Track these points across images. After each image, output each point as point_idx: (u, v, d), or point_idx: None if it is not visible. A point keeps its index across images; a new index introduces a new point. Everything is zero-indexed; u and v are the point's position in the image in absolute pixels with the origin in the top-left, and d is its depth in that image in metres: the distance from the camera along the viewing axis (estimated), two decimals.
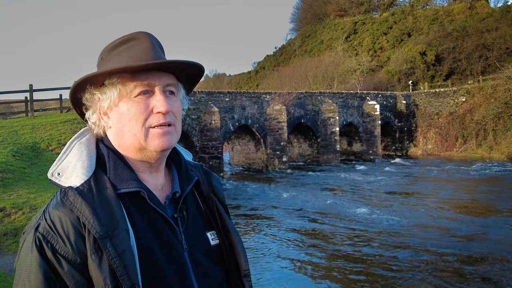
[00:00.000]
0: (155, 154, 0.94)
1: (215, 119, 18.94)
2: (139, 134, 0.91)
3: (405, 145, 27.68)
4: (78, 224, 0.83)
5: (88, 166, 0.91)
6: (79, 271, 0.81)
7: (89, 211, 0.83)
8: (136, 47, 0.93)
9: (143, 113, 0.91)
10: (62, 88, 17.13)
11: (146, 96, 0.92)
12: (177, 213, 0.97)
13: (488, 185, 14.41)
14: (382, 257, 7.33)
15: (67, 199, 0.85)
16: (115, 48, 0.95)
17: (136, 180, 0.92)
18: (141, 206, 0.92)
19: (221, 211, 1.07)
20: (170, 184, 1.03)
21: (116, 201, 0.87)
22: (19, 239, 5.73)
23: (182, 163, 1.07)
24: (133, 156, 0.95)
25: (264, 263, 7.14)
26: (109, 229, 0.82)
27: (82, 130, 0.99)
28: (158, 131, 0.92)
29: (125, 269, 0.81)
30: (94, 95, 0.95)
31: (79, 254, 0.82)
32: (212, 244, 1.01)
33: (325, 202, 12.29)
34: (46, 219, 0.84)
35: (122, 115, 0.92)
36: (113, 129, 0.95)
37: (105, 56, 0.96)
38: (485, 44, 32.67)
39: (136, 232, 0.87)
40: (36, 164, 9.72)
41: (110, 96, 0.93)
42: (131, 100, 0.92)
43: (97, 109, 0.96)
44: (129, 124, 0.92)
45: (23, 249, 0.85)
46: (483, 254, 7.26)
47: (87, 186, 0.87)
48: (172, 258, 0.91)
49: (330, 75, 38.25)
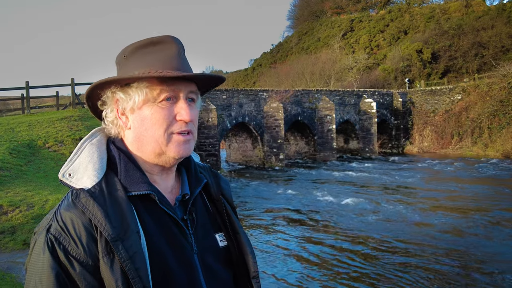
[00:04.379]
0: (173, 160, 0.95)
1: (212, 116, 18.92)
2: (161, 139, 0.92)
3: (401, 143, 27.79)
4: (90, 226, 0.83)
5: (100, 168, 0.90)
6: (91, 273, 0.81)
7: (101, 213, 0.83)
8: (163, 52, 0.93)
9: (166, 119, 0.91)
10: (58, 85, 17.06)
11: (170, 103, 0.93)
12: (187, 215, 0.98)
13: (487, 183, 14.52)
14: (379, 253, 7.38)
15: (79, 201, 0.85)
16: (141, 49, 0.93)
17: (146, 183, 0.92)
18: (151, 208, 0.92)
19: (230, 213, 1.07)
20: (179, 186, 1.03)
21: (127, 203, 0.87)
22: (17, 237, 5.72)
23: (192, 165, 1.07)
24: (149, 159, 0.95)
25: (262, 259, 7.19)
26: (121, 232, 0.83)
27: (93, 131, 0.98)
28: (180, 138, 0.93)
29: (137, 271, 0.81)
30: (116, 94, 0.94)
31: (91, 256, 0.82)
32: (220, 246, 1.02)
33: (321, 199, 12.34)
34: (58, 220, 0.84)
35: (144, 119, 0.92)
36: (133, 132, 0.95)
37: (129, 55, 0.94)
38: (481, 42, 32.81)
39: (147, 235, 0.87)
40: (33, 162, 9.68)
41: (134, 98, 0.92)
42: (155, 105, 0.92)
43: (115, 108, 0.95)
44: (152, 129, 0.92)
45: (34, 250, 0.85)
46: (480, 252, 7.34)
47: (99, 188, 0.87)
48: (182, 260, 0.91)
49: (327, 72, 38.29)
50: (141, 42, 0.94)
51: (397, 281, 6.17)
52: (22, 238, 5.78)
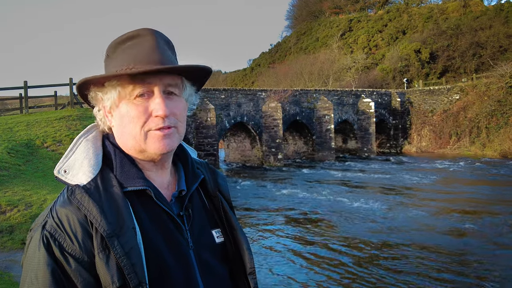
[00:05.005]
0: (156, 156, 0.93)
1: (211, 116, 18.92)
2: (138, 137, 0.90)
3: (400, 143, 27.85)
4: (85, 222, 0.83)
5: (95, 164, 0.90)
6: (86, 269, 0.81)
7: (97, 209, 0.82)
8: (140, 45, 0.90)
9: (141, 117, 0.90)
10: (57, 85, 17.03)
11: (145, 98, 0.90)
12: (183, 211, 0.97)
13: (486, 183, 14.57)
14: (378, 252, 7.41)
15: (74, 197, 0.84)
16: (120, 45, 0.92)
17: (142, 179, 0.91)
18: (147, 204, 0.91)
19: (227, 209, 1.07)
20: (176, 182, 1.02)
21: (122, 199, 0.86)
22: (15, 236, 5.71)
23: (189, 161, 1.06)
24: (136, 156, 0.95)
25: (261, 258, 7.20)
26: (116, 228, 0.82)
27: (89, 127, 0.98)
28: (158, 134, 0.90)
29: (133, 267, 0.80)
30: (97, 94, 0.94)
31: (87, 252, 0.81)
32: (217, 242, 1.01)
33: (320, 198, 12.36)
34: (53, 217, 0.84)
35: (123, 117, 0.91)
36: (116, 129, 0.95)
37: (111, 53, 0.93)
38: (479, 42, 32.90)
39: (143, 230, 0.86)
40: (31, 161, 9.68)
41: (111, 97, 0.92)
42: (130, 102, 0.90)
43: (102, 108, 0.96)
44: (129, 126, 0.91)
45: (30, 246, 0.84)
46: (479, 253, 7.36)
47: (94, 184, 0.86)
48: (178, 255, 0.91)
49: (325, 72, 38.31)
50: (120, 38, 0.92)
51: (395, 281, 6.19)
52: (20, 237, 5.78)
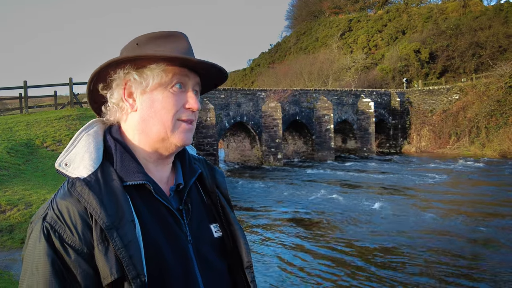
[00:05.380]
0: (174, 147, 0.97)
1: (210, 116, 18.94)
2: (168, 123, 0.94)
3: (399, 142, 27.87)
4: (85, 214, 0.84)
5: (96, 158, 0.91)
6: (86, 261, 0.82)
7: (96, 202, 0.84)
8: (176, 43, 0.95)
9: (176, 105, 0.95)
10: (56, 85, 17.03)
11: (181, 90, 0.96)
12: (182, 205, 0.99)
13: (487, 183, 14.59)
14: (378, 253, 7.43)
15: (75, 189, 0.86)
16: (155, 39, 0.95)
17: (142, 173, 0.93)
18: (147, 198, 0.93)
19: (224, 204, 1.09)
20: (174, 177, 1.04)
21: (122, 192, 0.88)
22: (14, 235, 5.73)
23: (186, 156, 1.08)
24: (150, 144, 0.96)
25: (259, 256, 7.23)
26: (116, 220, 0.83)
27: (90, 122, 0.99)
28: (185, 125, 0.96)
29: (131, 259, 0.82)
30: (129, 74, 0.94)
31: (86, 244, 0.83)
32: (215, 236, 1.03)
33: (319, 198, 12.38)
34: (54, 209, 0.85)
35: (154, 102, 0.94)
36: (139, 114, 0.95)
37: (142, 43, 0.95)
38: (478, 42, 32.92)
39: (142, 224, 0.88)
40: (31, 161, 9.69)
41: (148, 80, 0.93)
42: (167, 90, 0.94)
43: (122, 89, 0.96)
44: (161, 112, 0.94)
45: (31, 238, 0.85)
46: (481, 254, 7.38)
47: (94, 178, 0.88)
48: (176, 249, 0.92)
49: (325, 72, 38.33)
50: (154, 34, 0.96)
51: (397, 284, 6.21)
52: (20, 236, 5.80)
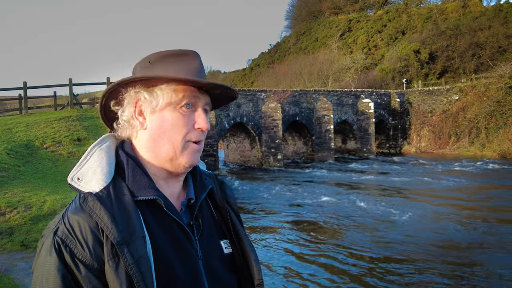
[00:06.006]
0: (183, 168, 0.96)
1: (210, 117, 18.93)
2: (177, 144, 0.94)
3: (399, 143, 27.87)
4: (96, 229, 0.84)
5: (108, 173, 0.91)
6: (96, 276, 0.82)
7: (108, 217, 0.83)
8: (188, 63, 0.96)
9: (186, 126, 0.95)
10: (56, 86, 17.03)
11: (191, 110, 0.96)
12: (193, 221, 0.98)
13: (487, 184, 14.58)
14: (378, 252, 7.42)
15: (87, 204, 0.86)
16: (167, 58, 0.96)
17: (153, 188, 0.93)
18: (158, 213, 0.93)
19: (234, 220, 1.08)
20: (185, 192, 1.04)
21: (133, 208, 0.88)
22: (14, 238, 5.69)
23: (197, 172, 1.08)
24: (159, 163, 0.96)
25: (260, 257, 7.21)
26: (126, 235, 0.83)
27: (103, 137, 0.99)
28: (195, 147, 0.96)
29: (142, 275, 0.81)
30: (139, 93, 0.95)
31: (97, 259, 0.83)
32: (225, 253, 1.03)
33: (320, 199, 12.36)
34: (65, 223, 0.85)
35: (164, 121, 0.94)
36: (149, 133, 0.96)
37: (154, 62, 0.96)
38: (478, 43, 32.94)
39: (153, 239, 0.87)
40: (31, 162, 9.66)
41: (158, 100, 0.94)
42: (176, 110, 0.94)
43: (133, 108, 0.96)
44: (170, 132, 0.94)
45: (42, 252, 0.86)
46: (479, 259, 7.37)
47: (106, 192, 0.88)
48: (187, 265, 0.92)
49: (324, 73, 38.31)
50: (166, 52, 0.96)
51: (403, 280, 6.19)
52: (20, 239, 5.76)
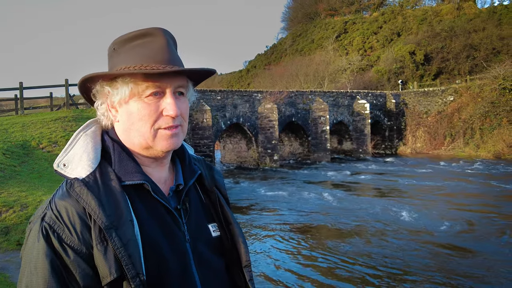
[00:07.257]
0: (161, 153, 0.96)
1: (207, 117, 18.95)
2: (147, 135, 0.93)
3: (395, 144, 28.01)
4: (84, 214, 0.84)
5: (94, 158, 0.92)
6: (85, 260, 0.82)
7: (95, 202, 0.84)
8: (151, 44, 0.93)
9: (152, 115, 0.92)
10: (52, 86, 17.01)
11: (157, 98, 0.93)
12: (180, 205, 0.99)
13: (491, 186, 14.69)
14: (374, 253, 7.47)
15: (73, 190, 0.86)
16: (130, 41, 0.93)
17: (140, 173, 0.93)
18: (145, 198, 0.93)
19: (223, 204, 1.09)
20: (173, 177, 1.04)
21: (120, 192, 0.88)
22: (10, 237, 5.69)
23: (186, 157, 1.09)
24: (139, 152, 0.97)
25: (256, 256, 7.25)
26: (114, 220, 0.84)
27: (88, 122, 0.99)
28: (167, 133, 0.93)
29: (130, 258, 0.82)
30: (104, 88, 0.95)
31: (85, 244, 0.83)
32: (213, 236, 1.04)
33: (315, 200, 12.42)
34: (53, 209, 0.85)
35: (131, 114, 0.93)
36: (121, 125, 0.96)
37: (118, 48, 0.94)
38: (472, 45, 33.21)
39: (140, 223, 0.88)
40: (27, 163, 9.66)
41: (121, 92, 0.93)
42: (141, 100, 0.92)
43: (106, 101, 0.96)
44: (138, 124, 0.92)
45: (29, 238, 0.85)
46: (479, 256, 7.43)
47: (93, 178, 0.88)
48: (174, 248, 0.93)
49: (320, 74, 38.45)
50: (130, 35, 0.94)
51: (400, 281, 6.25)
52: (16, 238, 5.77)
